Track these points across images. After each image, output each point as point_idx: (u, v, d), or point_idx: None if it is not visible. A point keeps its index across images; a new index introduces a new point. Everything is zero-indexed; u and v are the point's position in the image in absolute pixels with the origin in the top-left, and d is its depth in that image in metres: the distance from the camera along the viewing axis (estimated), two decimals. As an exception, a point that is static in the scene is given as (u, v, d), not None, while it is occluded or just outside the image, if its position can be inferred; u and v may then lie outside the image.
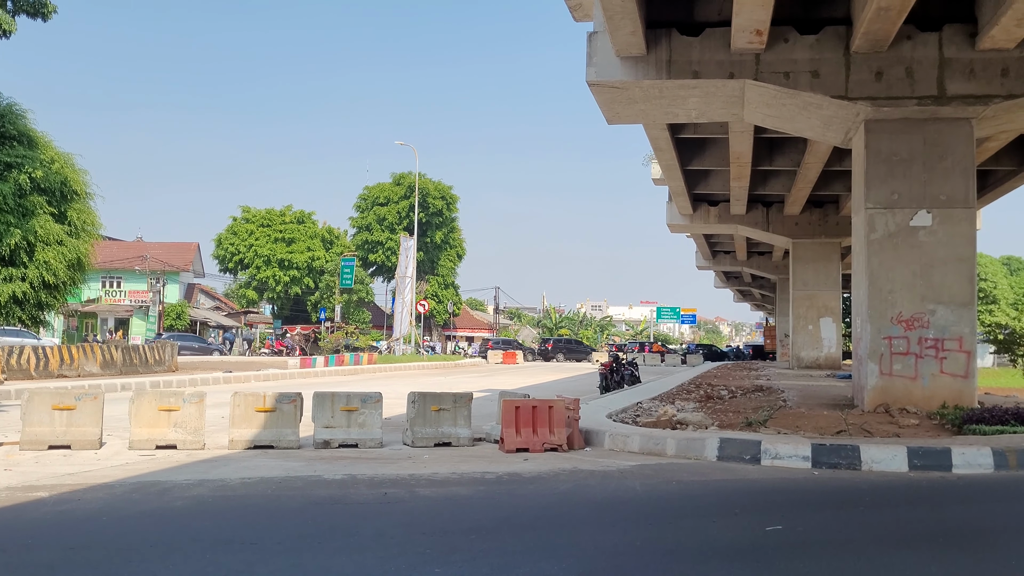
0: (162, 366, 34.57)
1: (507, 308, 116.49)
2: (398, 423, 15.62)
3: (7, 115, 32.77)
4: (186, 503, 9.41)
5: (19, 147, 32.19)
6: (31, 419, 12.79)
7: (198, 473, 11.18)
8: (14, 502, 9.13)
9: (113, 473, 11.02)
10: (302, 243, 78.44)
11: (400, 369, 45.61)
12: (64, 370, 29.04)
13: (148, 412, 13.21)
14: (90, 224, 35.26)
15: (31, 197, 31.72)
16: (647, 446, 13.81)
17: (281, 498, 9.81)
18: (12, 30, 39.22)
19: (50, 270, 32.12)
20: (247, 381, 31.29)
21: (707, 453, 13.18)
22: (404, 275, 61.42)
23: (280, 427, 13.61)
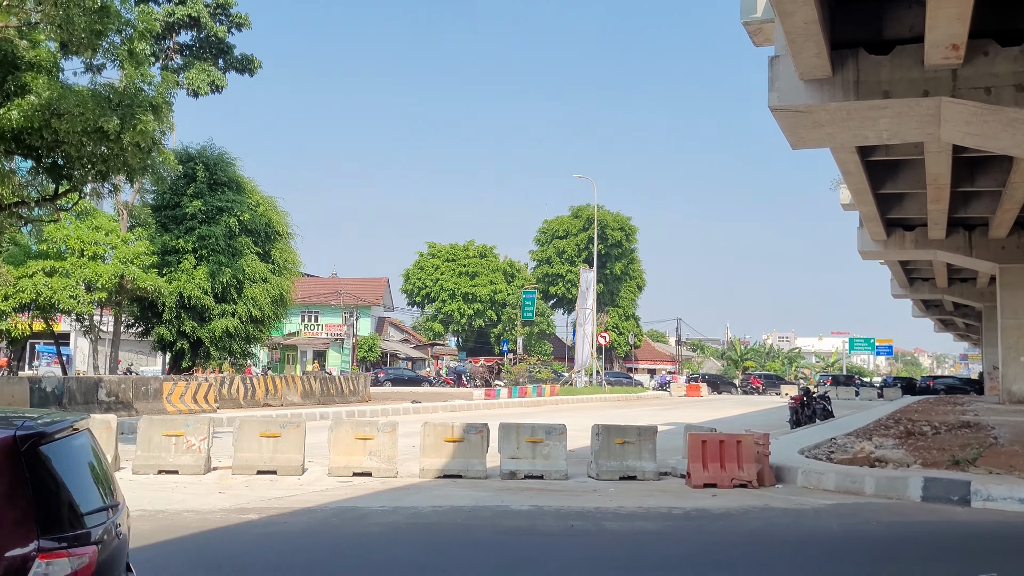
0: (356, 396, 36.21)
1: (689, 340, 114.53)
2: (582, 455, 15.67)
3: (219, 163, 35.65)
4: (382, 529, 9.80)
5: (229, 192, 34.93)
6: (241, 445, 13.73)
7: (392, 500, 11.62)
8: (228, 523, 9.82)
9: (315, 498, 11.64)
10: (485, 276, 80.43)
11: (582, 401, 45.70)
12: (269, 399, 30.97)
13: (345, 440, 13.88)
14: (291, 262, 37.72)
15: (240, 238, 34.30)
16: (843, 484, 13.18)
17: (471, 527, 10.04)
18: (223, 85, 42.75)
19: (257, 305, 34.53)
20: (435, 412, 32.27)
21: (910, 493, 12.43)
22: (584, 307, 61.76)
23: (468, 457, 13.94)
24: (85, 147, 15.95)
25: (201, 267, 32.82)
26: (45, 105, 14.48)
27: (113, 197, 32.62)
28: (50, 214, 23.70)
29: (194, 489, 12.09)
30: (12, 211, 19.35)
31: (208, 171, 34.55)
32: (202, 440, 13.61)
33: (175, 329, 32.92)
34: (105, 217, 33.71)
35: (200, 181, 34.13)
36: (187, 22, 41.00)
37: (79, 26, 14.38)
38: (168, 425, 13.77)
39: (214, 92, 41.59)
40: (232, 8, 42.46)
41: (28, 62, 15.45)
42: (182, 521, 9.79)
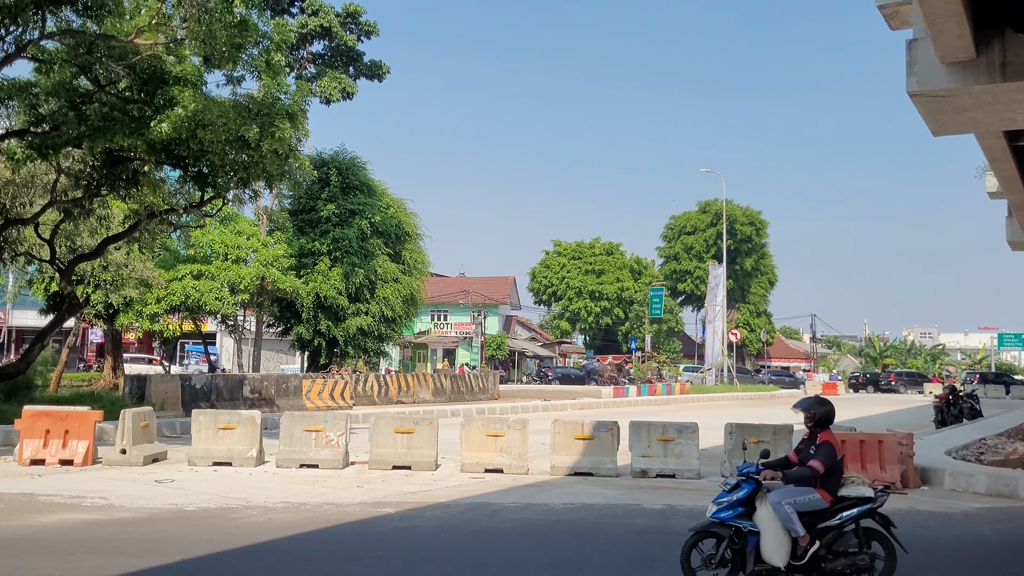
0: (485, 394, 36.65)
1: (825, 336, 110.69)
2: (714, 454, 15.36)
3: (351, 168, 36.77)
4: (514, 525, 9.88)
5: (361, 195, 35.99)
6: (377, 441, 14.10)
7: (524, 497, 11.70)
8: (367, 516, 10.10)
9: (448, 493, 11.84)
10: (611, 274, 79.99)
11: (713, 399, 44.84)
12: (401, 397, 31.71)
13: (477, 437, 14.06)
14: (421, 262, 38.55)
15: (372, 240, 35.29)
16: (995, 487, 12.47)
17: (603, 525, 10.00)
18: (354, 92, 44.04)
19: (389, 305, 35.45)
20: (563, 410, 32.31)
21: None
22: (714, 304, 60.62)
23: (598, 455, 13.89)
24: (228, 155, 16.70)
25: (336, 268, 33.93)
26: (191, 117, 15.22)
27: (253, 203, 34.23)
28: (197, 220, 24.95)
29: (333, 483, 12.49)
30: (163, 218, 20.49)
31: (341, 175, 35.68)
32: (340, 436, 14.04)
33: (312, 328, 34.16)
34: (246, 222, 35.29)
35: (334, 185, 35.28)
36: (319, 32, 42.38)
37: (221, 40, 15.06)
38: (308, 421, 14.28)
39: (345, 99, 42.85)
40: (361, 17, 43.65)
41: (175, 76, 16.27)
42: (323, 513, 10.13)
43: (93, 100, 16.63)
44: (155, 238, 24.50)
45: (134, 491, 11.35)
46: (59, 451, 13.58)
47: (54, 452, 13.56)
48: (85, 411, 14.10)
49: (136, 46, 15.44)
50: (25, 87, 16.79)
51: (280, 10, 41.90)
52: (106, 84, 16.48)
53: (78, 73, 16.51)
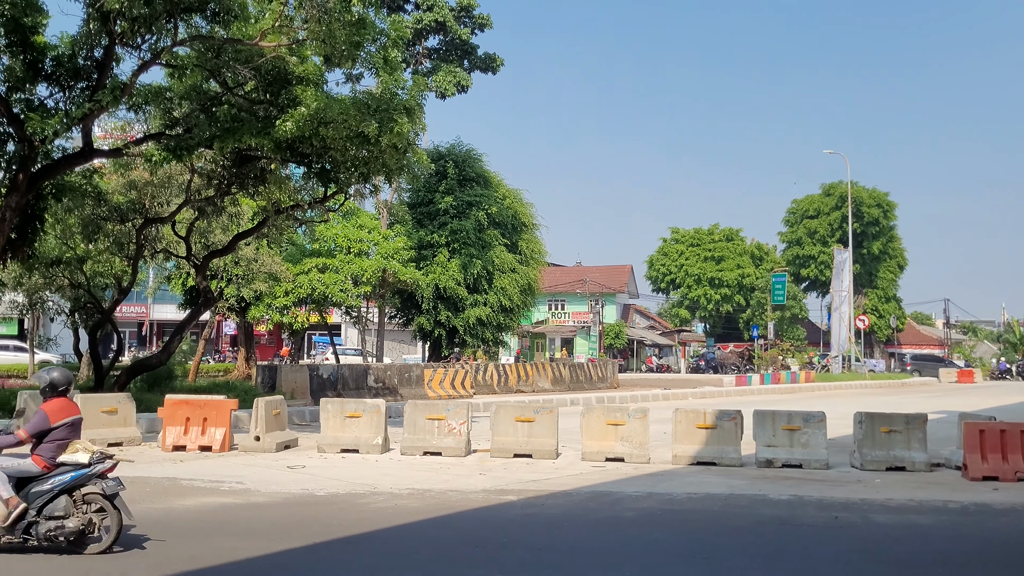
0: (604, 383, 36.52)
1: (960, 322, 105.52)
2: (843, 444, 14.89)
3: (467, 160, 37.19)
4: (636, 514, 9.83)
5: (477, 187, 36.36)
6: (498, 429, 14.25)
7: (646, 486, 11.61)
8: (489, 503, 10.23)
9: (570, 482, 11.87)
10: (731, 261, 78.31)
11: (840, 388, 43.42)
12: (521, 386, 31.93)
13: (597, 426, 14.03)
14: (537, 252, 38.68)
15: (488, 231, 35.62)
16: None
17: (727, 515, 9.83)
18: (469, 85, 44.49)
19: (506, 295, 35.73)
20: (684, 399, 31.90)
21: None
22: (839, 289, 58.59)
23: (721, 444, 13.66)
24: (349, 151, 17.12)
25: (454, 260, 34.41)
26: (314, 115, 15.66)
27: (374, 197, 35.01)
28: (320, 215, 25.72)
29: (456, 470, 12.70)
30: (289, 214, 21.20)
31: (457, 168, 36.13)
32: (462, 424, 14.26)
33: (432, 319, 34.77)
34: (367, 216, 36.20)
35: (451, 178, 35.76)
36: (434, 27, 42.95)
37: (340, 39, 15.44)
38: (431, 410, 14.55)
39: (460, 92, 43.31)
40: (475, 10, 44.01)
41: (298, 77, 16.77)
42: (447, 500, 10.31)
43: (222, 102, 17.32)
44: (282, 233, 25.37)
45: (268, 476, 11.83)
46: (198, 438, 14.27)
47: (194, 439, 14.26)
48: (222, 400, 14.77)
49: (261, 49, 15.97)
50: (160, 92, 17.63)
51: (396, 7, 42.68)
52: (234, 86, 17.14)
53: (208, 77, 17.21)
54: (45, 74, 16.57)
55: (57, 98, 16.91)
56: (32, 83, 16.53)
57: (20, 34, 15.75)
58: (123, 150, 17.96)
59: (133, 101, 17.26)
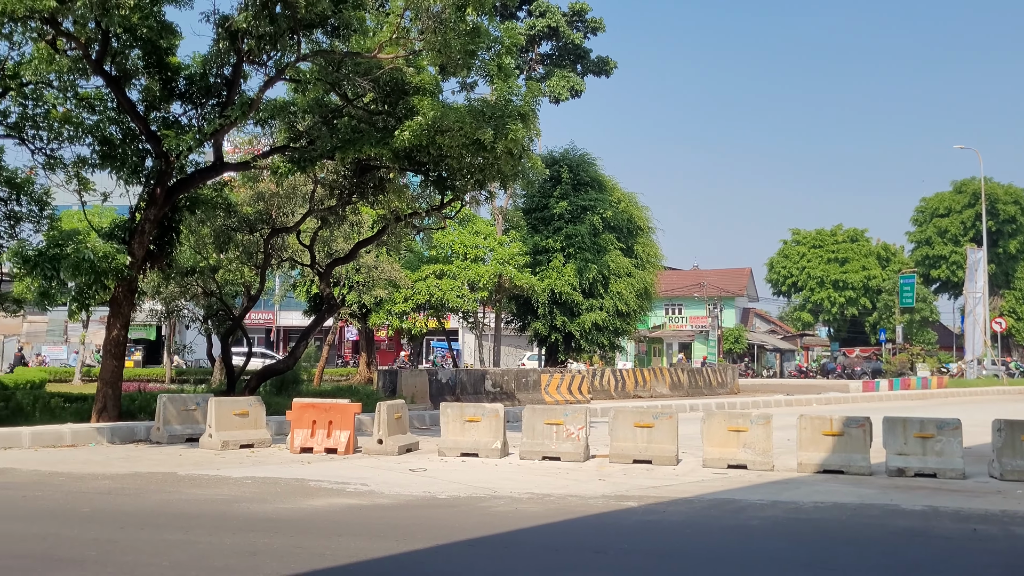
0: (724, 388, 35.83)
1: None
2: (980, 453, 14.16)
3: (581, 164, 37.12)
4: (761, 522, 9.57)
5: (592, 191, 36.26)
6: (617, 435, 14.14)
7: (770, 494, 11.31)
8: (609, 509, 10.16)
9: (691, 489, 11.67)
10: (856, 262, 75.62)
11: (975, 394, 41.31)
12: (638, 391, 31.66)
13: (718, 432, 13.75)
14: (653, 256, 38.27)
15: (604, 235, 35.46)
16: None
17: (857, 526, 9.47)
18: (582, 89, 44.44)
19: (622, 299, 35.48)
20: (808, 404, 30.95)
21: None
22: (973, 291, 55.81)
23: (849, 452, 13.19)
24: (464, 159, 17.35)
25: (569, 264, 34.40)
26: (430, 124, 15.94)
27: (489, 203, 35.40)
28: (437, 222, 26.12)
29: (575, 475, 12.67)
30: (407, 221, 21.62)
31: (572, 172, 36.12)
32: (580, 429, 14.22)
33: (548, 324, 34.84)
34: (483, 222, 36.60)
35: (565, 183, 35.78)
36: (546, 33, 43.09)
37: (455, 49, 15.67)
38: (549, 414, 14.56)
39: (573, 97, 43.31)
40: (587, 14, 43.95)
41: (415, 87, 17.11)
42: (567, 505, 10.29)
43: (342, 114, 17.83)
44: (401, 241, 25.89)
45: (391, 479, 12.07)
46: (324, 440, 14.69)
47: (320, 441, 14.69)
48: (346, 403, 15.17)
49: (379, 61, 16.37)
50: (284, 106, 18.29)
51: (508, 15, 43.03)
52: (353, 98, 17.62)
53: (329, 90, 17.74)
54: (179, 93, 17.44)
55: (190, 115, 17.79)
56: (167, 102, 17.42)
57: (156, 56, 16.63)
58: (251, 163, 18.71)
59: (260, 116, 17.98)
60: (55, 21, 14.01)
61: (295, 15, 15.45)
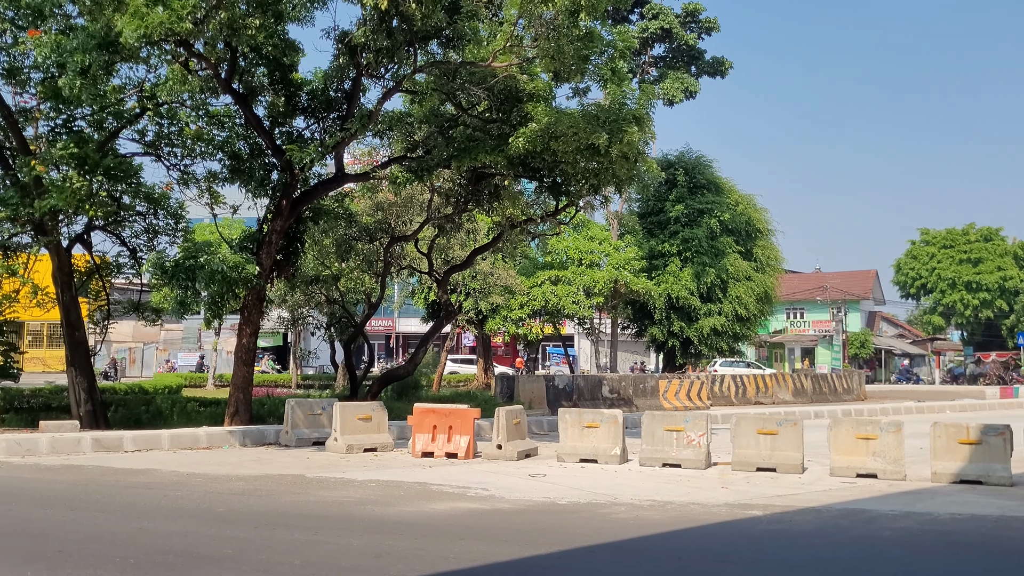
0: (850, 394, 34.61)
1: None
2: None
3: (697, 167, 36.61)
4: (894, 534, 9.20)
5: (708, 194, 35.70)
6: (739, 442, 13.83)
7: (903, 504, 10.85)
8: (733, 518, 9.94)
9: (818, 498, 11.30)
10: (990, 263, 71.85)
11: None
12: (760, 397, 30.91)
13: (846, 440, 13.29)
14: (773, 259, 37.36)
15: (721, 238, 34.85)
16: None
17: (997, 538, 9.00)
18: (696, 91, 43.83)
19: (742, 304, 34.77)
20: (941, 411, 29.57)
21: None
22: (1125, 289, 52.32)
23: (987, 461, 12.53)
24: (579, 164, 17.34)
25: (686, 269, 33.95)
26: (544, 130, 16.00)
27: (604, 208, 35.27)
28: (552, 228, 26.20)
29: (697, 483, 12.46)
30: (522, 228, 21.76)
31: (688, 175, 35.66)
32: (701, 436, 13.98)
33: (665, 329, 34.45)
34: (598, 227, 36.50)
35: (681, 186, 35.35)
36: (659, 35, 42.70)
37: (568, 54, 15.67)
38: (668, 421, 14.37)
39: (688, 98, 42.75)
40: (701, 15, 43.34)
41: (528, 94, 17.22)
42: (689, 513, 10.12)
43: (458, 123, 18.10)
44: (516, 247, 26.09)
45: (511, 484, 12.13)
46: (445, 445, 14.90)
47: (441, 446, 14.91)
48: (465, 409, 15.35)
49: (493, 69, 16.53)
50: (401, 118, 18.72)
51: (620, 18, 42.81)
52: (468, 107, 17.86)
53: (444, 100, 18.05)
54: (302, 107, 18.04)
55: (312, 129, 18.37)
56: (291, 116, 18.05)
57: (280, 72, 17.25)
58: (370, 174, 19.21)
59: (378, 127, 18.45)
60: (188, 44, 14.70)
61: (411, 28, 15.77)
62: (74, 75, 13.76)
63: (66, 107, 17.08)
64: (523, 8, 14.88)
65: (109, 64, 14.08)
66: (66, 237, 18.59)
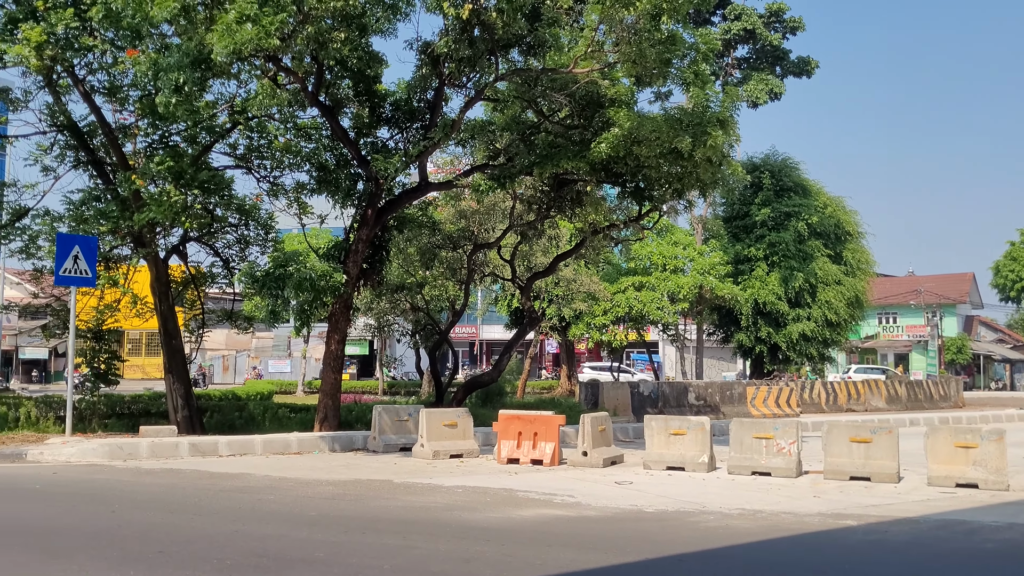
0: (947, 401, 33.43)
1: None
2: None
3: (784, 169, 35.85)
4: (997, 546, 8.85)
5: (795, 197, 34.92)
6: (831, 450, 13.48)
7: (1006, 516, 10.42)
8: (826, 528, 9.68)
9: (915, 508, 10.94)
10: (1097, 262, 68.62)
11: None
12: (851, 404, 30.10)
13: (943, 448, 12.83)
14: (864, 262, 36.32)
15: (809, 242, 34.05)
16: None
17: (1114, 553, 8.55)
18: (781, 92, 42.99)
19: (831, 308, 33.90)
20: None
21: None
22: None
23: (1100, 471, 11.94)
24: (662, 168, 17.19)
25: (773, 273, 33.30)
26: (626, 135, 15.89)
27: (687, 213, 34.92)
28: (635, 234, 26.00)
29: (788, 492, 12.18)
30: (605, 234, 21.66)
31: (773, 178, 35.00)
32: (791, 444, 13.67)
33: (752, 335, 33.82)
34: (682, 232, 36.10)
35: (766, 189, 34.71)
36: (742, 36, 42.03)
37: (650, 58, 15.55)
38: (757, 428, 14.10)
39: (772, 100, 41.97)
40: (785, 14, 42.52)
41: (610, 99, 17.14)
42: (780, 522, 9.90)
43: (539, 130, 18.13)
44: (599, 253, 25.99)
45: (597, 491, 12.07)
46: (530, 451, 14.91)
47: (526, 452, 14.93)
48: (550, 415, 15.34)
49: (574, 75, 16.52)
50: (483, 126, 18.84)
51: (702, 20, 42.30)
52: (549, 114, 17.88)
53: (525, 107, 18.09)
54: (385, 118, 18.32)
55: (396, 139, 18.64)
56: (375, 127, 18.35)
57: (365, 84, 17.56)
58: (453, 182, 19.39)
59: (460, 136, 18.62)
60: (276, 58, 15.08)
61: (492, 37, 15.87)
62: (169, 92, 14.25)
63: (162, 123, 17.73)
64: (604, 13, 14.82)
65: (202, 81, 14.52)
66: (163, 248, 19.28)
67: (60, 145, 18.82)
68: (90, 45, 16.05)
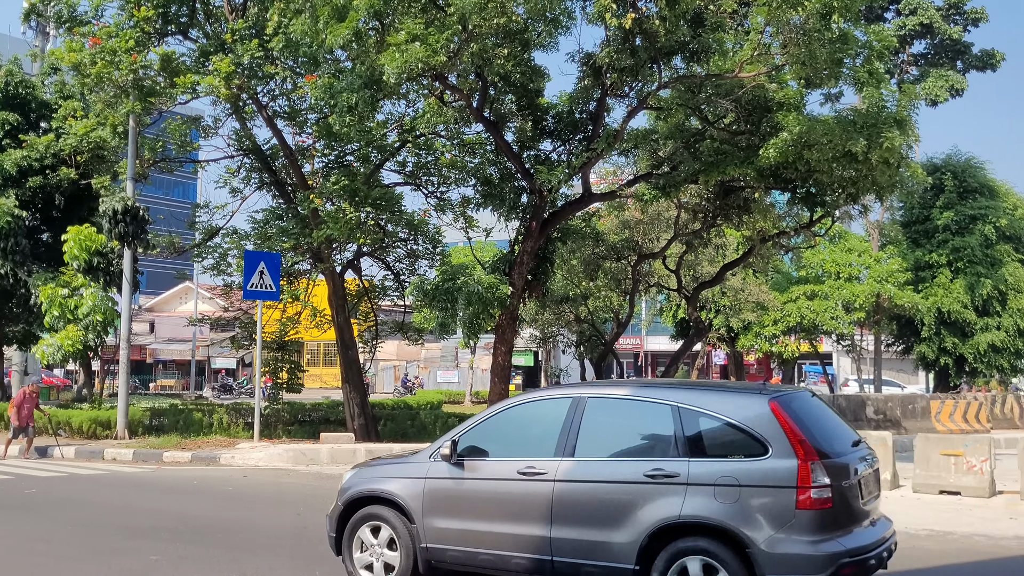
0: None
1: None
2: None
3: (967, 170, 33.68)
4: None
5: (981, 199, 32.72)
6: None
7: None
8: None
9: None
10: None
11: None
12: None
13: None
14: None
15: (998, 246, 31.78)
16: None
17: None
18: (963, 88, 40.45)
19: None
20: None
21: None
22: None
23: None
24: (835, 172, 16.50)
25: (958, 280, 31.32)
26: (796, 139, 15.38)
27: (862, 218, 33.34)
28: (806, 241, 25.13)
29: (980, 512, 11.38)
30: (774, 241, 21.03)
31: (956, 179, 32.96)
32: (983, 461, 12.78)
33: (935, 346, 31.88)
34: (856, 238, 34.53)
35: (949, 191, 32.72)
36: (919, 31, 39.86)
37: (820, 59, 14.99)
38: (945, 444, 13.27)
39: (954, 97, 39.56)
40: (966, 5, 40.04)
41: (778, 103, 16.63)
42: (973, 545, 9.27)
43: (704, 137, 17.81)
44: (767, 262, 25.26)
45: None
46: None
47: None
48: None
49: (740, 80, 16.13)
50: (646, 135, 18.69)
51: (875, 17, 40.43)
52: (714, 120, 17.54)
53: (689, 114, 17.82)
54: (548, 131, 18.49)
55: (559, 151, 18.78)
56: (538, 140, 18.56)
57: (527, 98, 17.79)
58: (617, 192, 19.32)
59: (623, 146, 18.54)
60: (443, 76, 15.53)
61: (655, 45, 15.71)
62: (343, 113, 14.94)
63: (337, 144, 18.61)
64: (771, 15, 14.42)
65: (373, 101, 15.13)
66: (339, 263, 20.19)
67: (246, 168, 20.10)
68: (272, 73, 17.07)
